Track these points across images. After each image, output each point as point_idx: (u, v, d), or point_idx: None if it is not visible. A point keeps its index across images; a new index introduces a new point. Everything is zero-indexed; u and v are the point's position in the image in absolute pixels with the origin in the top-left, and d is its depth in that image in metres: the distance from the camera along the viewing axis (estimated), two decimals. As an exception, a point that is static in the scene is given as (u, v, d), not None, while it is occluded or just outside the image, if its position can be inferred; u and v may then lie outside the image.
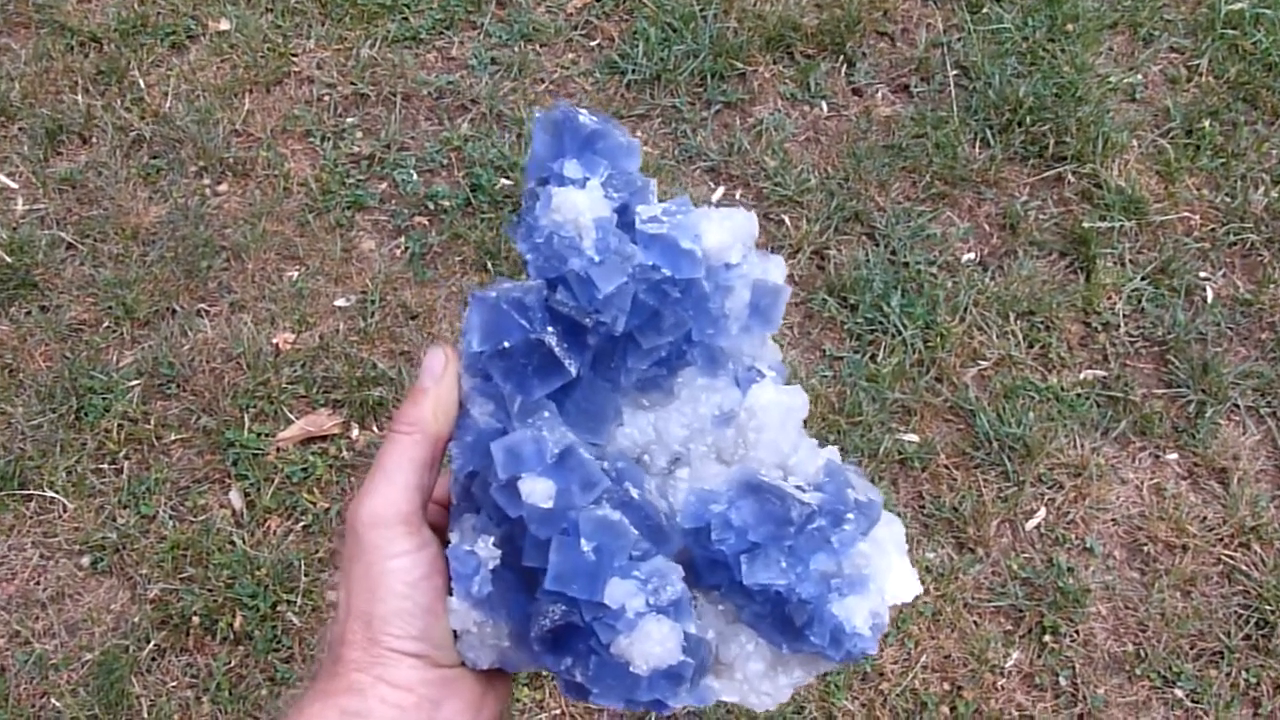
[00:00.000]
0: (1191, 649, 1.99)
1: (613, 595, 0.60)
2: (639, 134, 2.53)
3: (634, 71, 2.60)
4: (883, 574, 0.65)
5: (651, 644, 0.60)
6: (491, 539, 0.64)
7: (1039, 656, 1.98)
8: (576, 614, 0.61)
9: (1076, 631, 2.00)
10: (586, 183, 0.64)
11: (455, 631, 0.65)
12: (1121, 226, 2.39)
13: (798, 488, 0.64)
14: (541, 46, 2.66)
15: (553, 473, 0.61)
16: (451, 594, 0.64)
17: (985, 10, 2.68)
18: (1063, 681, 1.96)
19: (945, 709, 1.93)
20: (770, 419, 0.65)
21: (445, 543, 0.65)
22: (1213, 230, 2.41)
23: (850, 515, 0.64)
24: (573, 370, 0.63)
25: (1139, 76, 2.61)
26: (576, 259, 0.62)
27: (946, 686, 1.95)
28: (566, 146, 0.65)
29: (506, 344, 0.63)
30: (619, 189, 0.65)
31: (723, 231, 0.65)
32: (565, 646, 0.62)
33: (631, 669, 0.61)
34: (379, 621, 0.62)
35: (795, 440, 0.66)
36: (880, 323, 2.27)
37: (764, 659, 0.65)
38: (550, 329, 0.63)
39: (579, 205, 0.63)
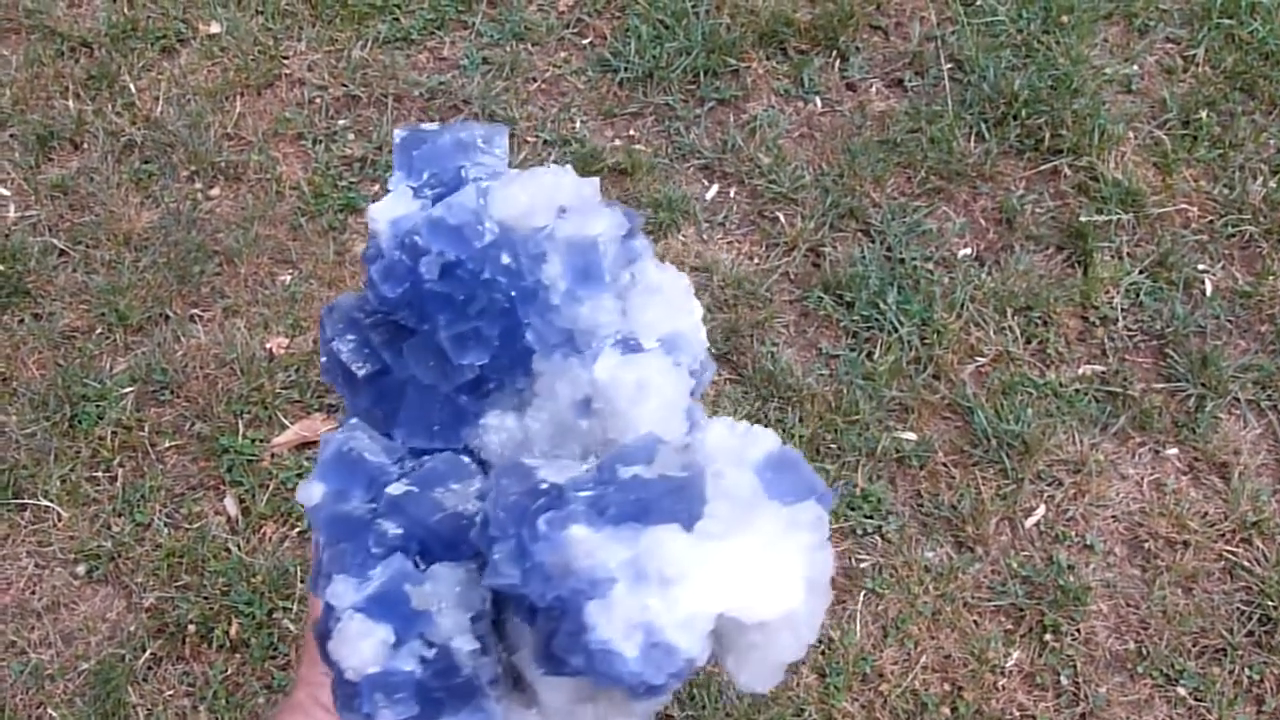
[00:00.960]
0: (1194, 646, 1.97)
1: (333, 592, 0.57)
2: (632, 132, 2.52)
3: (626, 69, 2.58)
4: (691, 578, 0.51)
5: (344, 644, 0.55)
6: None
7: (1040, 656, 1.97)
8: (323, 620, 0.58)
9: (1078, 630, 1.98)
10: (399, 188, 0.63)
11: None
12: (1119, 219, 2.38)
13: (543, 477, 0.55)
14: (533, 45, 2.64)
15: (326, 474, 0.59)
16: None
17: (979, 3, 2.66)
18: (1064, 681, 1.95)
19: (946, 710, 1.92)
20: (617, 396, 0.57)
21: None
22: (1211, 222, 2.39)
23: (584, 494, 0.52)
24: (361, 372, 0.62)
25: (1135, 67, 2.59)
26: (374, 265, 0.61)
27: (947, 687, 1.94)
28: (394, 162, 0.65)
29: (323, 358, 0.64)
30: (436, 185, 0.63)
31: (518, 197, 0.60)
32: (325, 654, 0.59)
33: (345, 674, 0.56)
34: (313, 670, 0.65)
35: (665, 415, 0.57)
36: (876, 320, 2.26)
37: (563, 690, 0.56)
38: (349, 336, 0.63)
39: (374, 212, 0.62)
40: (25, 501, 2.10)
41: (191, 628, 1.98)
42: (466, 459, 0.61)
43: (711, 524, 0.53)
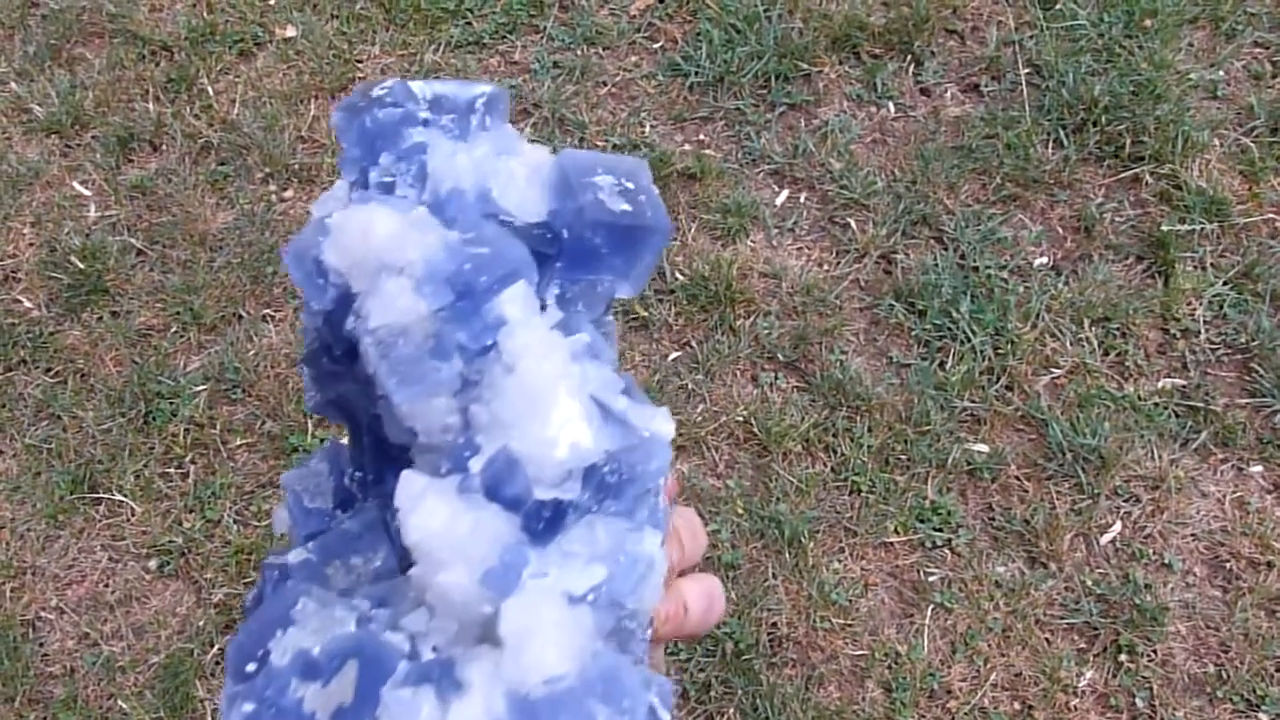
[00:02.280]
0: (1277, 671, 1.90)
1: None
2: (702, 137, 2.50)
3: (697, 74, 2.56)
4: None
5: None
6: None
7: (1114, 676, 1.91)
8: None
9: (1154, 651, 1.92)
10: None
11: None
12: (1202, 229, 2.31)
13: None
14: (604, 50, 2.64)
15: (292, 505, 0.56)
16: None
17: (1059, 6, 2.61)
18: (1139, 703, 1.89)
19: (1016, 729, 1.87)
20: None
21: None
22: (1300, 233, 2.31)
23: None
24: (309, 403, 0.55)
25: (1221, 73, 2.51)
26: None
27: (1017, 706, 1.89)
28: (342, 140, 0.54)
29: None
30: (391, 173, 0.53)
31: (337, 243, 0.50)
32: None
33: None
34: None
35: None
36: (949, 329, 2.21)
37: None
38: (324, 360, 0.54)
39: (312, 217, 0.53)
40: (100, 496, 2.14)
41: (259, 624, 2.00)
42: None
43: None
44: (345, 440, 0.57)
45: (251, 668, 0.46)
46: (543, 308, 0.49)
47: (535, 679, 0.42)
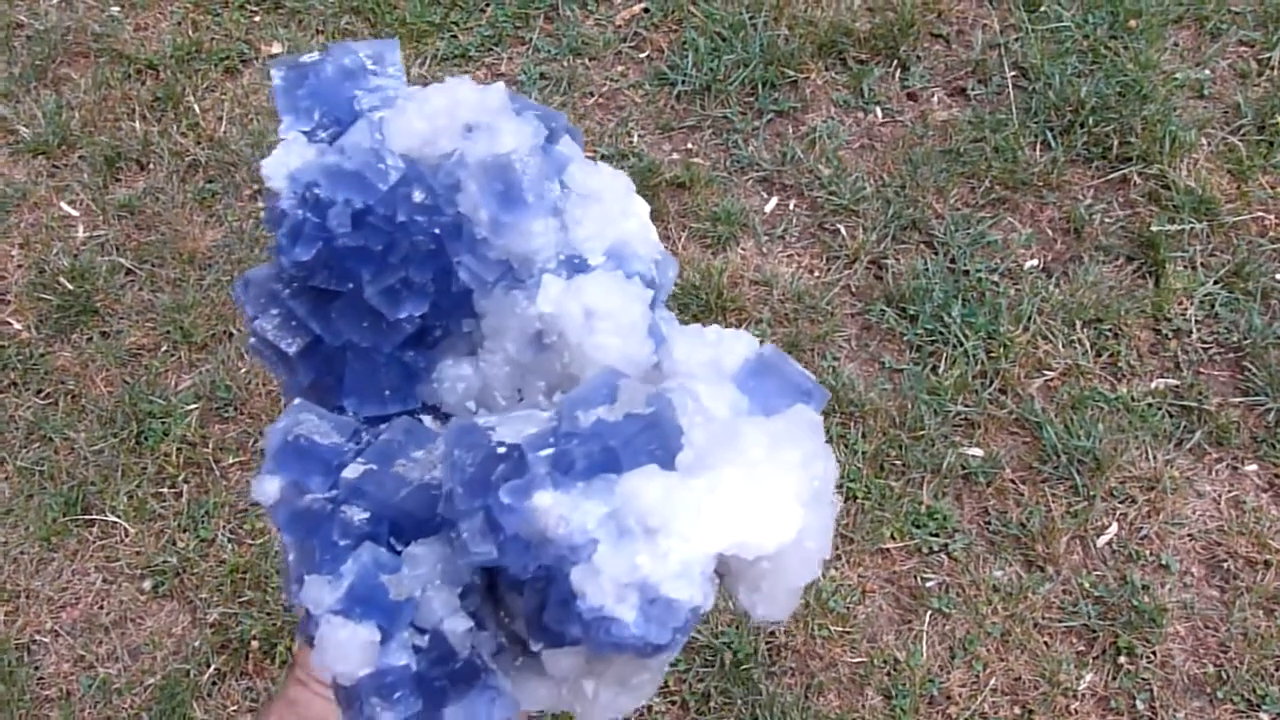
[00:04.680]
0: (1277, 671, 1.90)
1: (310, 596, 0.52)
2: (690, 145, 2.50)
3: (684, 82, 2.56)
4: (678, 519, 0.46)
5: (335, 649, 0.50)
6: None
7: (1114, 679, 1.91)
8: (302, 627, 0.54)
9: (1153, 652, 1.92)
10: (287, 140, 0.56)
11: None
12: (1192, 228, 2.31)
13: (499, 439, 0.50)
14: (590, 60, 2.64)
15: (280, 466, 0.54)
16: None
17: (1043, 9, 2.61)
18: (1140, 705, 1.89)
19: (1016, 733, 1.87)
20: (568, 330, 0.52)
21: None
22: (1289, 230, 2.32)
23: (545, 453, 0.47)
24: (290, 350, 0.56)
25: (1207, 72, 2.52)
26: (280, 226, 0.55)
27: (1017, 710, 1.89)
28: (280, 107, 0.58)
29: (252, 339, 0.58)
30: (330, 125, 0.57)
31: (414, 124, 0.54)
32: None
33: (339, 680, 0.51)
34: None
35: (624, 340, 0.52)
36: (941, 333, 2.21)
37: (574, 653, 0.51)
38: (272, 311, 0.56)
39: (268, 168, 0.56)
40: (93, 517, 2.13)
41: (255, 643, 1.99)
42: (427, 418, 0.56)
43: (691, 455, 0.48)
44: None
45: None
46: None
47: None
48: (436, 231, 0.54)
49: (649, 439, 0.47)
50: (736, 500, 0.47)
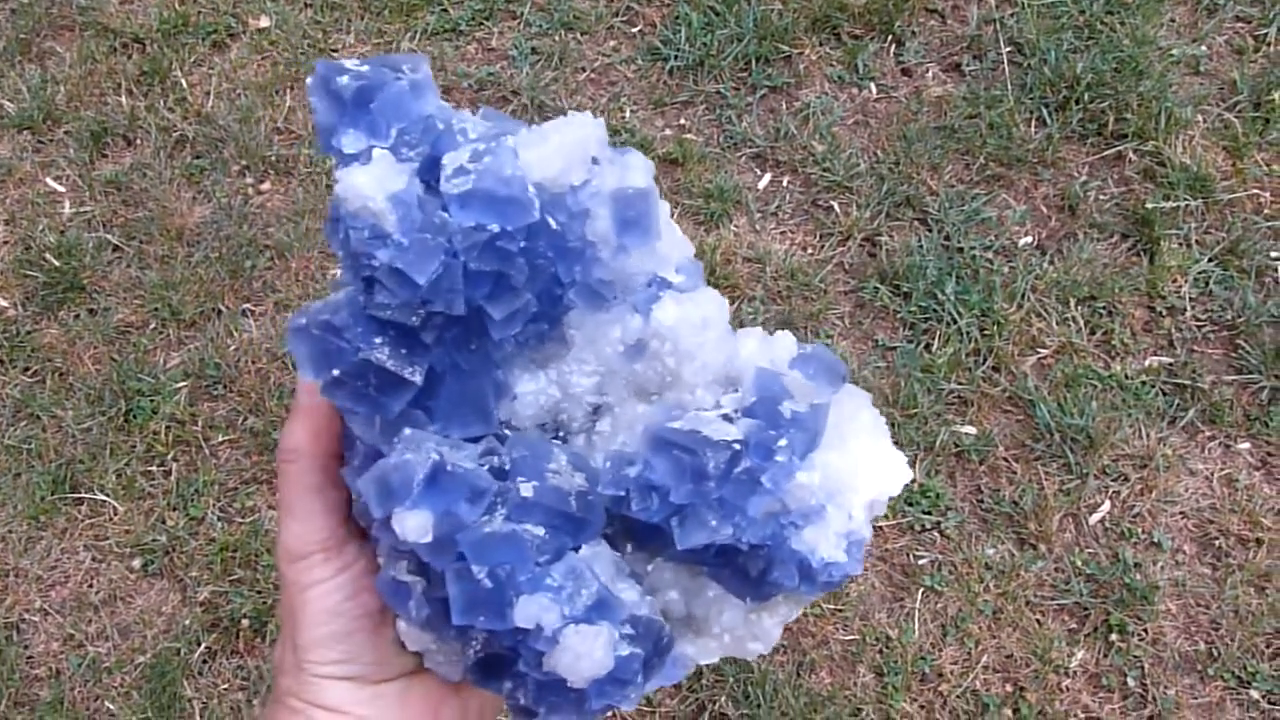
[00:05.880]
0: (1267, 648, 1.90)
1: (524, 615, 0.54)
2: (682, 121, 2.48)
3: (677, 58, 2.54)
4: (851, 478, 0.58)
5: (577, 658, 0.55)
6: (405, 564, 0.58)
7: (1105, 656, 1.91)
8: (496, 642, 0.56)
9: (1145, 630, 1.92)
10: (371, 154, 0.54)
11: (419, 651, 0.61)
12: (1187, 206, 2.30)
13: (724, 417, 0.57)
14: (582, 35, 2.61)
15: (425, 499, 0.54)
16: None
17: (1040, -16, 2.59)
18: (1131, 682, 1.89)
19: (1008, 711, 1.87)
20: (682, 337, 0.57)
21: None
22: (1284, 207, 2.31)
23: (782, 443, 0.56)
24: (416, 379, 0.56)
25: (1203, 48, 2.50)
26: (383, 251, 0.53)
27: (1009, 688, 1.89)
28: (339, 121, 0.55)
29: (336, 372, 0.56)
30: (414, 144, 0.55)
31: (549, 155, 0.56)
32: (498, 673, 0.58)
33: (569, 684, 0.56)
34: (303, 650, 0.60)
35: (721, 350, 0.59)
36: (934, 311, 2.20)
37: (739, 606, 0.60)
38: (377, 340, 0.55)
39: (365, 188, 0.53)
40: (82, 495, 2.11)
41: (245, 622, 1.98)
42: (537, 435, 0.60)
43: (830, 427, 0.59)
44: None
45: None
46: None
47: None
48: (550, 254, 0.56)
49: (822, 422, 0.58)
50: (871, 456, 0.59)
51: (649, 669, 0.57)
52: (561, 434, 0.60)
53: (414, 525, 0.54)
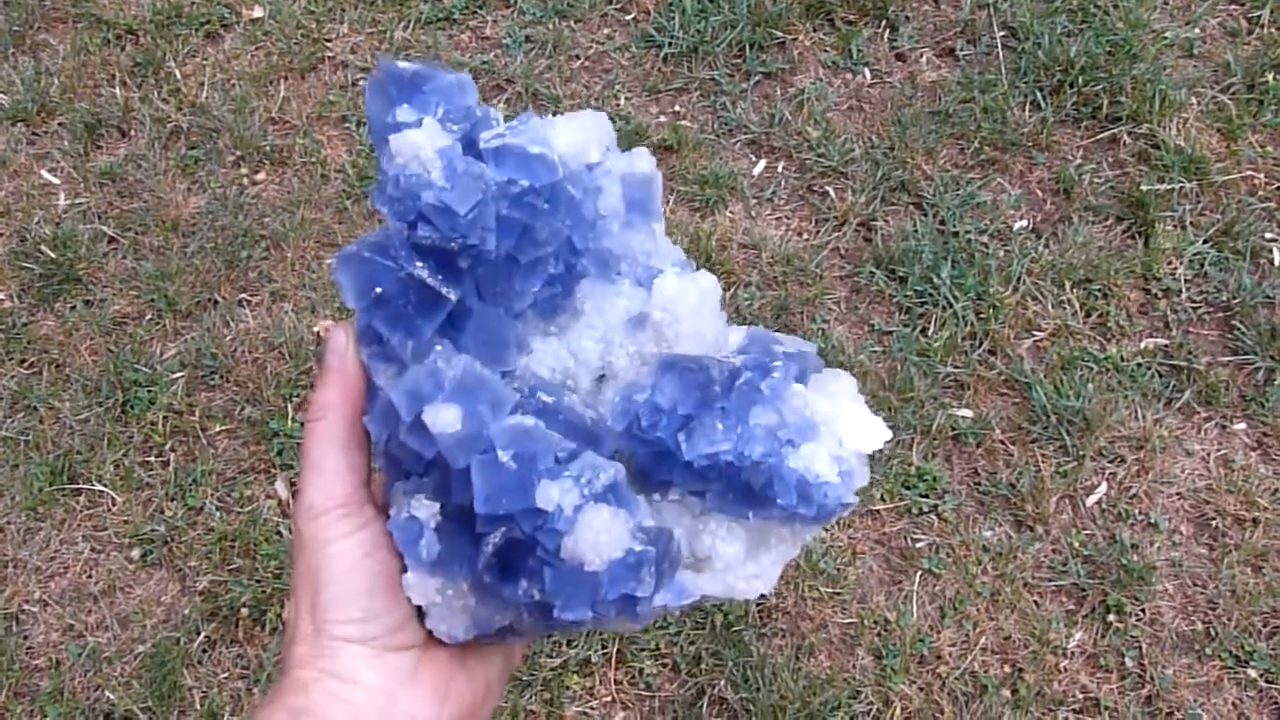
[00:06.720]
0: (1264, 627, 1.91)
1: (545, 497, 0.57)
2: (677, 108, 2.48)
3: (671, 44, 2.54)
4: (836, 421, 0.62)
5: (597, 534, 0.57)
6: (424, 496, 0.61)
7: (1103, 637, 1.91)
8: (516, 529, 0.58)
9: (1142, 610, 1.93)
10: (422, 122, 0.62)
11: (420, 608, 0.62)
12: (1181, 188, 2.30)
13: (721, 359, 0.63)
14: (576, 22, 2.61)
15: (455, 397, 0.59)
16: (405, 571, 0.62)
17: (1034, -32, 2.59)
18: (1129, 662, 1.90)
19: (1006, 692, 1.88)
20: (683, 308, 0.63)
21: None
22: (1278, 189, 2.31)
23: (778, 364, 0.62)
24: (452, 296, 0.61)
25: (1196, 31, 2.50)
26: (428, 192, 0.60)
27: (1007, 669, 1.90)
28: (395, 97, 0.62)
29: (379, 290, 0.61)
30: (457, 122, 0.63)
31: (573, 133, 0.64)
32: (515, 568, 0.60)
33: (586, 568, 0.58)
34: (320, 610, 0.60)
35: (715, 324, 0.64)
36: (930, 295, 2.21)
37: (740, 540, 0.63)
38: (419, 263, 0.61)
39: (418, 142, 0.60)
40: (80, 486, 2.11)
41: (244, 611, 1.99)
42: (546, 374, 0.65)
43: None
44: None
45: None
46: None
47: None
48: (568, 223, 0.63)
49: (810, 365, 0.63)
50: (852, 414, 0.63)
51: (660, 573, 0.59)
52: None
53: (446, 418, 0.58)
